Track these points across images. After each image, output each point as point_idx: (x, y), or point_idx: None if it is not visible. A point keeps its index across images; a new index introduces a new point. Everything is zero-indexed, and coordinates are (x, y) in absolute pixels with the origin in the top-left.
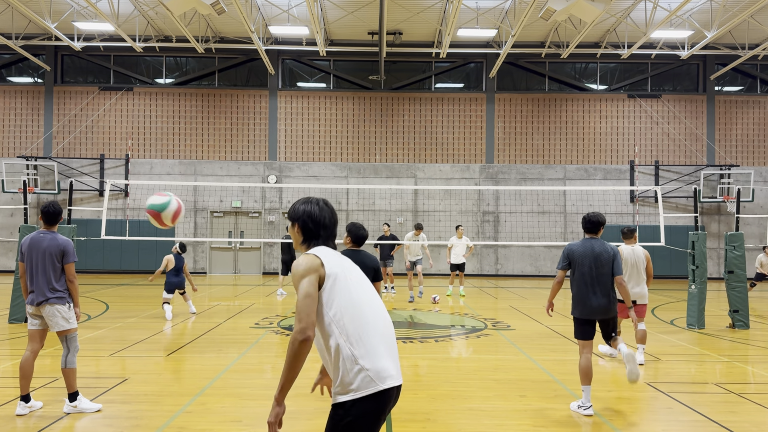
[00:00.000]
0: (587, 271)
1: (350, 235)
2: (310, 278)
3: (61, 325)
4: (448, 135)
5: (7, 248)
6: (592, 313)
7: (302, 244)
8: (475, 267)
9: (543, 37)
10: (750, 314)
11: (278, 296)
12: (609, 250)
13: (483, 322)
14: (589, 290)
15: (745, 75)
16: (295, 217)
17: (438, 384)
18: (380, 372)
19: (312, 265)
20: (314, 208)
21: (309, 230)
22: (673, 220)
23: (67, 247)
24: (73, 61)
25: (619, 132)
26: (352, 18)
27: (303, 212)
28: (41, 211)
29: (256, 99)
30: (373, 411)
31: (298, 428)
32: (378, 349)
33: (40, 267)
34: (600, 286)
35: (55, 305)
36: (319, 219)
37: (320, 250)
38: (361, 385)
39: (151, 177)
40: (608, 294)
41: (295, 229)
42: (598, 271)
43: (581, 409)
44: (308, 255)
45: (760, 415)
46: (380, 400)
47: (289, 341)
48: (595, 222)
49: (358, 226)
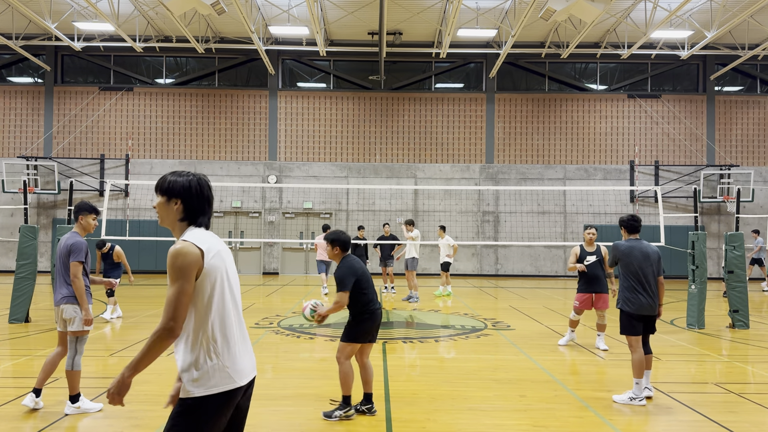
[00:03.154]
0: (637, 269)
1: (337, 244)
2: (188, 272)
3: (76, 325)
4: (448, 135)
5: (7, 248)
6: (642, 310)
7: (179, 223)
8: (475, 267)
9: (543, 37)
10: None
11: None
12: (656, 251)
13: (483, 322)
14: (639, 288)
15: (745, 75)
16: (174, 192)
17: (438, 384)
18: (240, 371)
19: (193, 258)
20: (195, 181)
21: (192, 208)
22: (673, 220)
23: (73, 246)
24: (74, 61)
25: (619, 132)
26: (352, 18)
27: (184, 186)
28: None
29: (256, 99)
30: (226, 405)
31: (298, 428)
32: (239, 347)
33: (58, 267)
34: (648, 284)
35: (69, 305)
36: (203, 194)
37: (201, 236)
38: (219, 381)
39: (151, 177)
40: (654, 293)
41: (173, 206)
42: (646, 270)
43: (634, 401)
44: (187, 243)
45: (760, 415)
46: (233, 396)
47: (155, 331)
48: (639, 221)
49: (340, 232)
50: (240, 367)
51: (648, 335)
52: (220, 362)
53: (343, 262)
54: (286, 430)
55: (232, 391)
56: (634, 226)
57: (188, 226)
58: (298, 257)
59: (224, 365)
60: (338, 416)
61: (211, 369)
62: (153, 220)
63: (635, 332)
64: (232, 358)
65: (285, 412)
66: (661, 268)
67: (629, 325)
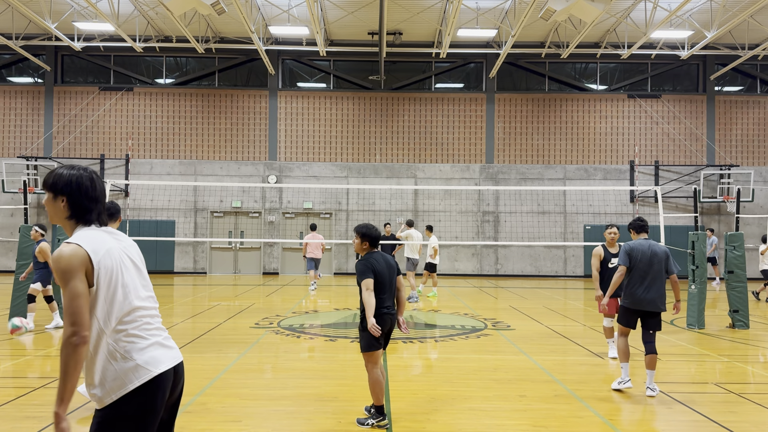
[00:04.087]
0: (639, 267)
1: (366, 239)
2: (77, 275)
3: None
4: (448, 135)
5: (7, 248)
6: (638, 305)
7: (68, 221)
8: (475, 267)
9: (543, 37)
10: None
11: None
12: (664, 250)
13: (483, 322)
14: (639, 284)
15: (745, 75)
16: (60, 188)
17: (438, 384)
18: (155, 359)
19: (77, 260)
20: (81, 176)
21: (79, 205)
22: (673, 220)
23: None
24: (74, 61)
25: (619, 132)
26: (352, 18)
27: (71, 182)
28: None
29: (256, 99)
30: (148, 399)
31: (298, 428)
32: (151, 340)
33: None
34: (652, 282)
35: None
36: (90, 190)
37: (88, 236)
38: (133, 377)
39: (151, 177)
40: (658, 290)
41: (60, 203)
42: (650, 268)
43: (621, 384)
44: (71, 246)
45: (760, 415)
46: (154, 388)
47: (63, 347)
48: (645, 222)
49: (371, 227)
50: (153, 357)
51: (651, 333)
52: (129, 360)
53: (366, 256)
54: (286, 430)
55: (150, 383)
56: (640, 226)
57: (77, 225)
58: (298, 257)
59: (134, 362)
60: (370, 424)
61: (121, 370)
62: (153, 220)
63: (625, 323)
64: (142, 352)
65: (285, 412)
66: (671, 266)
67: (623, 316)
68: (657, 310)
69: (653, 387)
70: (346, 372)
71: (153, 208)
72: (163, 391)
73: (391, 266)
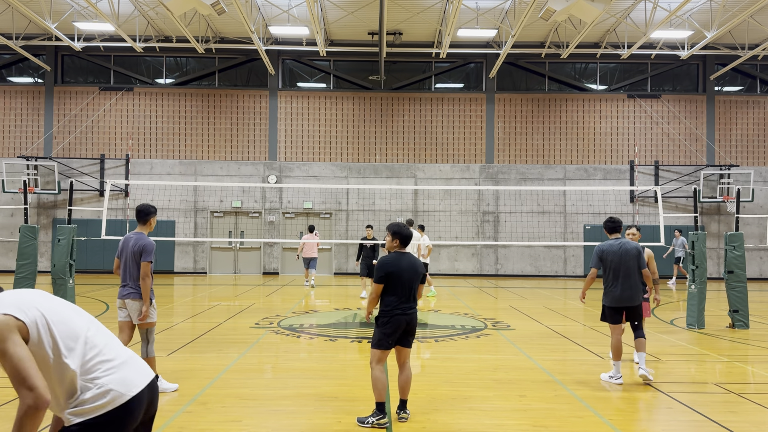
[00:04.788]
0: (611, 266)
1: (397, 237)
2: (12, 340)
3: (137, 320)
4: (448, 135)
5: (7, 248)
6: (617, 302)
7: None
8: (475, 267)
9: (543, 38)
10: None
11: (364, 300)
12: (635, 247)
13: (483, 322)
14: (614, 282)
15: (744, 75)
16: None
17: (438, 384)
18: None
19: (6, 328)
20: None
21: None
22: (673, 220)
23: (146, 247)
24: (74, 61)
25: (618, 132)
26: (352, 18)
27: None
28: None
29: (256, 99)
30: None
31: (298, 428)
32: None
33: (127, 264)
34: (626, 279)
35: (135, 301)
36: None
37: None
38: (107, 401)
39: (151, 177)
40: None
41: None
42: (622, 266)
43: (612, 379)
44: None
45: (760, 415)
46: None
47: (20, 415)
48: (616, 222)
49: (403, 225)
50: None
51: (637, 323)
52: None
53: (391, 255)
54: (286, 430)
55: (124, 405)
56: (612, 227)
57: None
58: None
59: (106, 387)
60: (370, 422)
61: (94, 395)
62: None
63: (612, 321)
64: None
65: (285, 412)
66: (643, 261)
67: (604, 314)
68: (636, 303)
69: (644, 368)
70: (346, 372)
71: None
72: (137, 412)
73: (414, 270)
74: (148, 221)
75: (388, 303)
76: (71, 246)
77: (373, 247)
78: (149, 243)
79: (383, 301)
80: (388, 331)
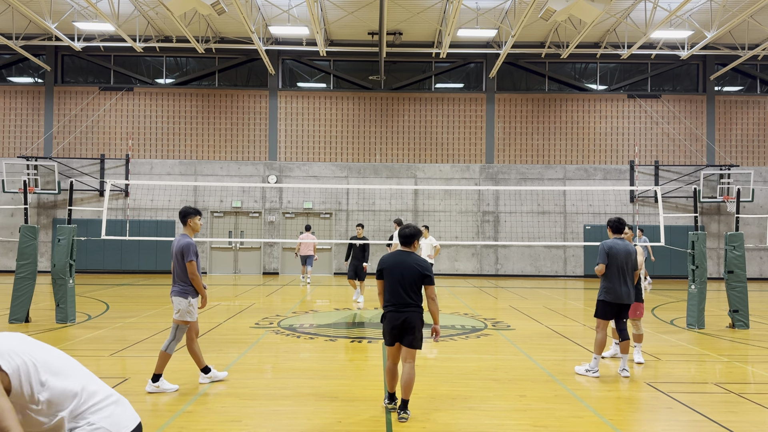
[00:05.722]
0: (619, 264)
1: (400, 237)
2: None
3: (179, 315)
4: (448, 135)
5: (7, 248)
6: (619, 299)
7: None
8: (475, 267)
9: (543, 38)
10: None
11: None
12: (633, 248)
13: (483, 322)
14: (619, 281)
15: (744, 75)
16: None
17: (438, 384)
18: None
19: None
20: None
21: None
22: (673, 220)
23: (184, 248)
24: (74, 61)
25: (618, 132)
26: (352, 18)
27: None
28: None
29: (256, 99)
30: None
31: (298, 428)
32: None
33: (173, 264)
34: (627, 277)
35: (176, 297)
36: None
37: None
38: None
39: (151, 177)
40: (631, 284)
41: None
42: (626, 265)
43: (589, 372)
44: None
45: (760, 415)
46: None
47: None
48: (624, 224)
49: (410, 225)
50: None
51: (624, 322)
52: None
53: (391, 253)
54: (286, 430)
55: None
56: (618, 228)
57: None
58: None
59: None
60: (384, 405)
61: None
62: (153, 220)
63: (606, 317)
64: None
65: (285, 412)
66: (636, 262)
67: (602, 311)
68: (632, 301)
69: (626, 368)
70: (346, 372)
71: (153, 208)
72: None
73: (411, 269)
74: (187, 222)
75: (384, 300)
76: (71, 246)
77: (362, 248)
78: (187, 243)
79: (383, 297)
80: (384, 328)
